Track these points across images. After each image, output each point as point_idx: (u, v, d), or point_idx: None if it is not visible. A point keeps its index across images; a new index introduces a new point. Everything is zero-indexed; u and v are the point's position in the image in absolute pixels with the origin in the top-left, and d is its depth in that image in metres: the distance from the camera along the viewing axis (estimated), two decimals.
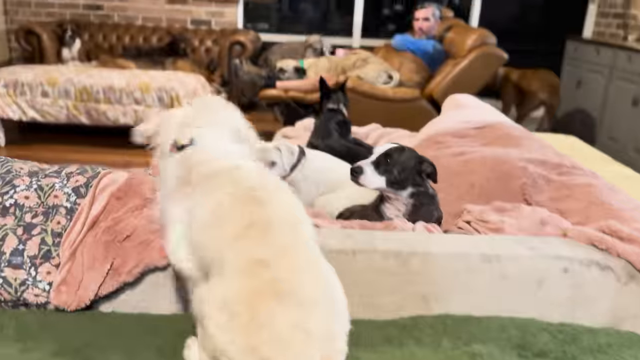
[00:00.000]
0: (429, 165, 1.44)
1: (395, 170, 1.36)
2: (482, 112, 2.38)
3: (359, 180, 1.36)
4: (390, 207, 1.46)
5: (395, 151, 1.38)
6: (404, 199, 1.42)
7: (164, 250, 1.03)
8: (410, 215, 1.44)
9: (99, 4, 5.15)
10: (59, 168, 1.22)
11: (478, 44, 3.43)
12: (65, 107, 3.66)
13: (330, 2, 5.95)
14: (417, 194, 1.43)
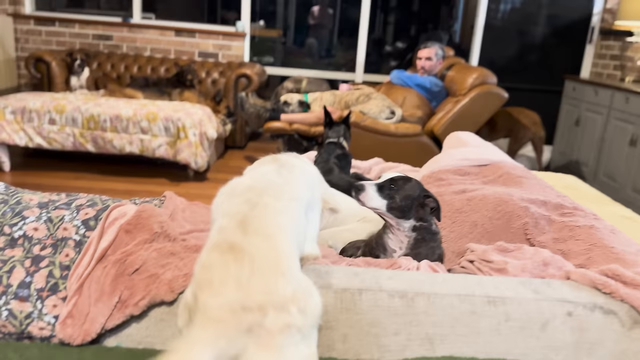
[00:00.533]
0: (433, 200, 1.46)
1: (397, 197, 1.38)
2: (483, 150, 2.41)
3: (359, 197, 1.39)
4: (393, 239, 1.47)
5: (400, 179, 1.41)
6: (406, 231, 1.44)
7: (172, 284, 1.04)
8: (411, 249, 1.45)
9: (108, 35, 5.26)
10: (68, 200, 1.23)
11: (479, 83, 3.50)
12: (72, 134, 3.70)
13: (334, 37, 6.09)
14: (419, 228, 1.44)
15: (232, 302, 0.75)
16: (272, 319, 0.76)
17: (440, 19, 6.49)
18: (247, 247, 0.81)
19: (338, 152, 2.55)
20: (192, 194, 3.58)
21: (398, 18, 6.27)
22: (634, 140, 3.71)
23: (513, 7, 5.73)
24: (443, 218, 1.83)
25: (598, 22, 5.31)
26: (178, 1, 6.06)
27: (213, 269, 0.80)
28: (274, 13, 6.02)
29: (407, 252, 1.47)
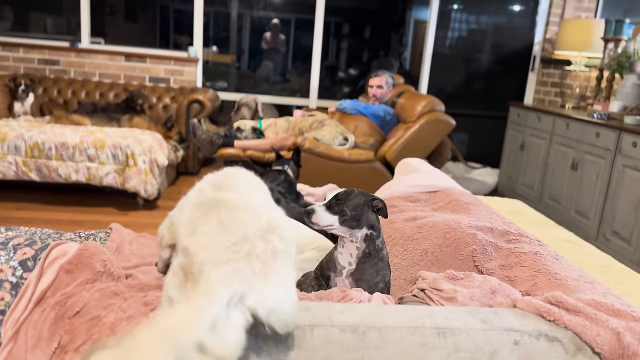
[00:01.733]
0: (379, 201, 1.48)
1: (346, 209, 1.40)
2: (433, 176, 2.47)
3: (312, 220, 1.40)
4: (344, 253, 1.48)
5: (343, 193, 1.44)
6: (358, 242, 1.45)
7: (114, 328, 1.00)
8: (358, 264, 1.46)
9: (55, 59, 5.11)
10: (5, 239, 1.17)
11: (427, 110, 3.60)
12: (14, 163, 3.54)
13: (288, 62, 6.15)
14: (369, 238, 1.46)
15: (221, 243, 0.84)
16: (261, 247, 0.86)
17: (391, 46, 6.67)
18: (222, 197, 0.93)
19: (281, 178, 2.56)
20: (142, 223, 3.49)
21: (350, 45, 6.41)
22: (575, 164, 3.89)
23: (460, 36, 5.97)
24: (395, 245, 1.86)
25: (539, 51, 5.60)
26: (128, 26, 5.97)
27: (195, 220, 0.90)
28: (227, 38, 6.03)
29: (355, 267, 1.47)
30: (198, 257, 0.85)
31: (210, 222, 0.89)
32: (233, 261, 0.84)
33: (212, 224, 0.89)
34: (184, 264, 0.89)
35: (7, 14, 5.55)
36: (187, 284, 0.86)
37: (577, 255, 2.15)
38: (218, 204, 0.93)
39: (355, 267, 1.46)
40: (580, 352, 1.15)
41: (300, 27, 5.91)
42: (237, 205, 0.93)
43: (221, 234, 0.87)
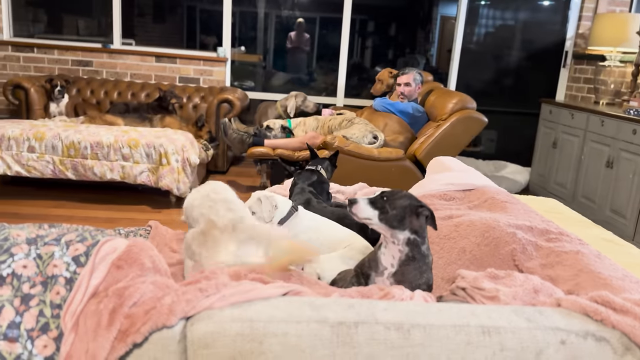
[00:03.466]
0: (426, 209, 1.46)
1: (388, 207, 1.41)
2: (467, 175, 2.45)
3: (352, 210, 1.43)
4: (387, 254, 1.48)
5: (390, 191, 1.44)
6: (400, 245, 1.45)
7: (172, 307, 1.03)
8: (400, 266, 1.46)
9: (88, 60, 5.23)
10: (57, 236, 1.21)
11: (459, 108, 3.57)
12: (51, 162, 3.64)
13: (313, 62, 6.16)
14: (412, 243, 1.45)
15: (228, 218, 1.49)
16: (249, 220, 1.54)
17: (417, 43, 6.63)
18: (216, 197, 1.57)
19: (314, 179, 2.55)
20: (175, 221, 3.55)
21: (376, 42, 6.39)
22: (610, 162, 3.81)
23: (488, 32, 5.89)
24: (432, 244, 1.85)
25: (571, 46, 5.49)
26: (157, 27, 6.07)
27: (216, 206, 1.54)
28: (254, 38, 6.08)
29: (397, 269, 1.47)
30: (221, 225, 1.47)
31: (223, 207, 1.53)
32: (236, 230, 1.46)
33: (223, 208, 1.52)
34: (205, 230, 1.47)
35: (42, 16, 5.70)
36: (207, 242, 1.44)
37: (617, 254, 2.11)
38: (225, 201, 1.56)
39: (397, 269, 1.46)
40: (629, 353, 1.13)
41: (326, 25, 5.91)
42: (232, 200, 1.59)
43: (229, 213, 1.50)
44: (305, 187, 2.49)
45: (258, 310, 1.11)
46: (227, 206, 1.53)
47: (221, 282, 1.17)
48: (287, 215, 2.02)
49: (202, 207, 1.54)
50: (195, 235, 1.46)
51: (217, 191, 1.60)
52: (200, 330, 1.07)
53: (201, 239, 1.44)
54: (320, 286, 1.43)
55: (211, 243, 1.42)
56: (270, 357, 1.07)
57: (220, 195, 1.58)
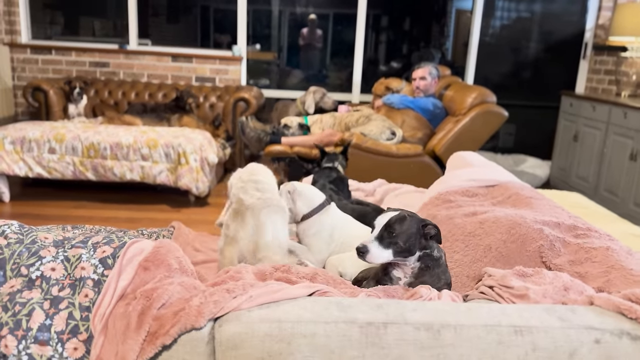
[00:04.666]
0: (432, 227, 1.45)
1: (400, 241, 1.37)
2: (489, 170, 2.41)
3: (366, 259, 1.38)
4: (399, 271, 1.47)
5: (396, 221, 1.39)
6: (411, 264, 1.44)
7: (201, 309, 1.03)
8: (416, 278, 1.44)
9: (105, 62, 5.28)
10: (84, 238, 1.22)
11: (478, 102, 3.52)
12: (72, 163, 3.68)
13: (326, 58, 6.13)
14: (423, 257, 1.44)
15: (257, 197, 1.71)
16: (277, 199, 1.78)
17: (431, 37, 6.56)
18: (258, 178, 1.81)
19: (334, 175, 2.55)
20: (194, 220, 3.56)
21: (390, 37, 6.34)
22: (634, 155, 3.73)
23: (505, 24, 5.81)
24: (456, 241, 1.83)
25: (591, 38, 5.39)
26: (171, 27, 6.10)
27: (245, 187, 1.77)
28: (268, 36, 6.08)
29: (412, 280, 1.46)
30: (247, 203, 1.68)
31: (253, 188, 1.74)
32: (264, 207, 1.68)
33: (254, 188, 1.74)
34: (236, 208, 1.70)
35: (59, 18, 5.77)
36: (237, 218, 1.67)
37: None
38: (256, 182, 1.77)
39: (412, 280, 1.45)
40: None
41: (340, 21, 5.88)
42: (264, 181, 1.79)
43: (259, 193, 1.72)
44: (326, 184, 2.48)
45: (286, 311, 1.11)
46: (256, 187, 1.73)
47: (248, 283, 1.17)
48: (318, 207, 2.02)
49: (235, 187, 1.76)
50: (230, 212, 1.70)
51: (252, 172, 1.82)
52: (229, 332, 1.06)
53: (233, 215, 1.67)
54: (345, 285, 1.42)
55: (240, 219, 1.65)
56: (299, 357, 1.07)
57: (253, 176, 1.79)
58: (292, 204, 1.95)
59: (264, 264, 1.44)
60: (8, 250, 1.14)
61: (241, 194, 1.71)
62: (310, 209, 2.01)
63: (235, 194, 1.73)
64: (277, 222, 1.74)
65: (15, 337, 1.03)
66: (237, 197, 1.71)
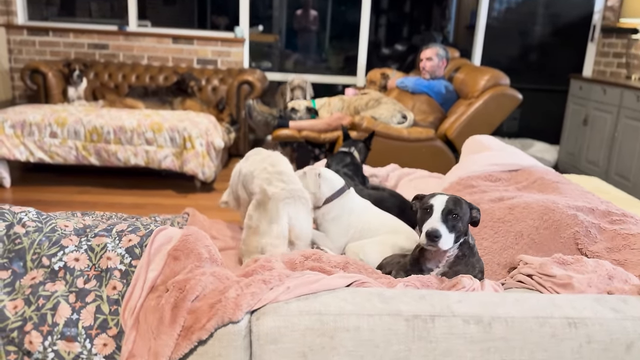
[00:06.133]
0: (477, 212, 1.39)
1: (461, 224, 1.31)
2: (510, 154, 2.34)
3: (438, 245, 1.27)
4: (431, 259, 1.40)
5: (456, 203, 1.33)
6: (450, 251, 1.37)
7: (238, 301, 0.97)
8: (450, 267, 1.38)
9: (104, 44, 5.14)
10: (108, 226, 1.14)
11: (491, 85, 3.44)
12: (74, 147, 3.59)
13: (326, 40, 6.01)
14: (462, 244, 1.38)
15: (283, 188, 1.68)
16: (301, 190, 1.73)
17: (432, 19, 6.45)
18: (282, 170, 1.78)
19: (347, 160, 2.48)
20: (201, 206, 3.49)
21: (390, 20, 6.21)
22: None
23: (509, 7, 5.70)
24: (484, 228, 1.76)
25: (599, 20, 5.30)
26: (167, 8, 5.95)
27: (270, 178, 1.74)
28: (269, 17, 5.94)
29: (446, 270, 1.40)
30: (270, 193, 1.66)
31: (278, 179, 1.71)
32: (288, 198, 1.66)
33: (279, 180, 1.70)
34: (259, 199, 1.68)
35: None
36: (260, 208, 1.66)
37: None
38: (280, 173, 1.75)
39: (446, 270, 1.38)
40: None
41: (341, 2, 5.75)
42: (288, 173, 1.78)
43: (283, 184, 1.67)
44: (339, 169, 2.42)
45: (326, 303, 1.04)
46: (281, 178, 1.71)
47: (283, 273, 1.10)
48: (338, 191, 1.98)
49: (259, 178, 1.74)
50: (253, 202, 1.69)
51: (274, 164, 1.80)
52: (267, 325, 1.00)
53: (256, 205, 1.67)
54: (379, 275, 1.36)
55: (262, 209, 1.64)
56: (342, 352, 1.01)
57: (277, 167, 1.77)
58: (317, 188, 1.90)
59: (291, 252, 1.38)
60: (27, 240, 1.07)
61: (265, 184, 1.68)
62: (332, 193, 1.97)
63: (259, 185, 1.71)
64: (301, 213, 1.70)
65: (41, 333, 0.96)
66: (261, 187, 1.69)
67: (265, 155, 1.91)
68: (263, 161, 1.85)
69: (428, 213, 1.31)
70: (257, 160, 1.88)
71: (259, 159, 1.88)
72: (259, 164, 1.83)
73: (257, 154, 1.99)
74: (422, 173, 2.93)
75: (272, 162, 1.83)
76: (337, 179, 1.98)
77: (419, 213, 1.36)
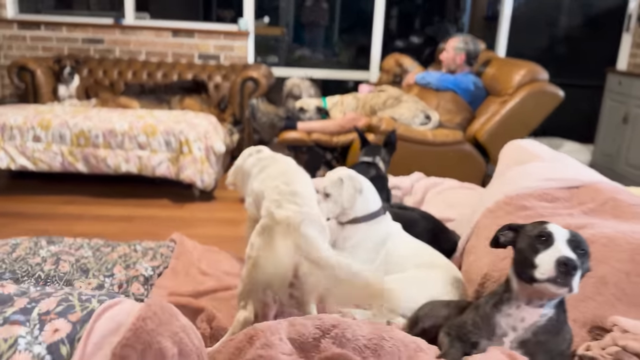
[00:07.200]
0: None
1: (585, 266, 0.99)
2: (565, 165, 1.94)
3: (572, 283, 0.93)
4: (514, 316, 1.03)
5: (581, 238, 1.00)
6: (547, 307, 1.01)
7: None
8: (534, 334, 1.00)
9: (99, 38, 4.79)
10: (28, 303, 0.76)
11: (528, 80, 3.03)
12: (59, 153, 3.23)
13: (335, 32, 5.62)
14: (560, 304, 1.01)
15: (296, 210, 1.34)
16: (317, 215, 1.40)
17: (446, 10, 6.07)
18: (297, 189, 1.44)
19: (372, 173, 2.10)
20: (199, 218, 3.12)
21: (401, 11, 5.82)
22: None
23: None
24: None
25: (635, 9, 4.85)
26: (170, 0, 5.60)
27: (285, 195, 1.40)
28: (276, 9, 5.57)
29: (527, 337, 1.01)
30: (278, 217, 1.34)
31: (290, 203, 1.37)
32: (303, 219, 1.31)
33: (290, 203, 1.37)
34: (264, 223, 1.35)
35: None
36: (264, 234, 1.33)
37: None
38: (294, 194, 1.40)
39: (529, 337, 1.00)
40: None
41: None
42: (302, 194, 1.42)
43: (295, 207, 1.35)
44: None
45: None
46: (294, 200, 1.38)
47: None
48: (371, 214, 1.65)
49: (269, 200, 1.41)
50: (257, 227, 1.36)
51: (288, 182, 1.46)
52: None
53: (260, 231, 1.34)
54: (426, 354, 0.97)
55: (267, 236, 1.31)
56: None
57: (290, 187, 1.44)
58: (350, 203, 1.62)
59: (301, 319, 0.99)
60: None
61: (274, 207, 1.36)
62: (363, 214, 1.63)
63: (266, 207, 1.39)
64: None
65: None
66: (268, 210, 1.36)
67: (280, 170, 1.56)
68: (276, 178, 1.50)
69: (544, 242, 0.97)
70: (270, 177, 1.52)
71: (272, 174, 1.53)
72: (271, 182, 1.48)
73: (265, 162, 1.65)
74: (451, 183, 2.53)
75: (286, 179, 1.48)
76: (374, 201, 1.66)
77: (522, 243, 1.02)
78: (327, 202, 1.64)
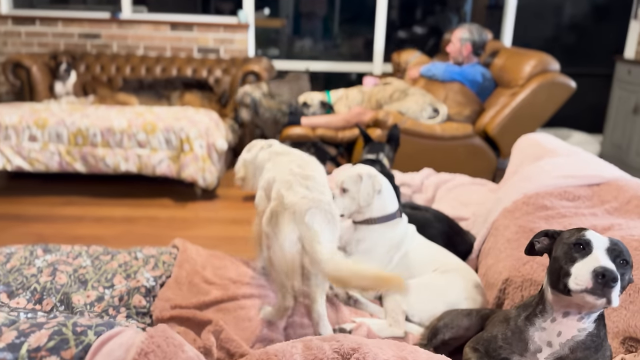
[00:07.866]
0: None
1: (627, 277, 0.91)
2: (584, 161, 1.85)
3: (611, 295, 0.86)
4: (550, 330, 0.96)
5: (623, 247, 0.92)
6: (586, 321, 0.94)
7: None
8: (572, 350, 0.93)
9: (96, 33, 4.68)
10: (17, 337, 0.68)
11: (539, 71, 2.94)
12: (57, 152, 3.14)
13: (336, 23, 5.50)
14: (599, 318, 0.94)
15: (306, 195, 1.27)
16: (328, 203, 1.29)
17: None
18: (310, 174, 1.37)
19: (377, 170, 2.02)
20: (202, 218, 3.04)
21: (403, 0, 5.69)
22: None
23: None
24: None
25: None
26: None
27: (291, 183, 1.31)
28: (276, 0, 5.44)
29: (564, 353, 0.94)
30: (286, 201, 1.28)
31: (301, 186, 1.31)
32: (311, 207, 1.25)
33: (301, 186, 1.31)
34: (273, 208, 1.28)
35: None
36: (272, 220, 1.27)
37: None
38: (307, 178, 1.34)
39: (566, 353, 0.93)
40: None
41: None
42: (315, 178, 1.36)
43: (306, 191, 1.29)
44: None
45: None
46: (305, 184, 1.32)
47: None
48: (387, 216, 1.59)
49: (280, 181, 1.34)
50: (267, 213, 1.30)
51: (302, 165, 1.41)
52: None
53: (269, 217, 1.28)
54: None
55: (274, 223, 1.25)
56: None
57: (303, 171, 1.38)
58: (368, 202, 1.56)
59: (318, 340, 0.91)
60: None
61: (284, 190, 1.29)
62: (379, 215, 1.58)
63: (277, 190, 1.32)
64: (324, 233, 1.24)
65: None
66: (279, 193, 1.30)
67: (293, 157, 1.50)
68: (290, 162, 1.44)
69: (582, 250, 0.90)
70: (283, 162, 1.46)
71: (285, 160, 1.47)
72: (285, 166, 1.42)
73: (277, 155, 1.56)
74: (462, 179, 2.45)
75: (300, 163, 1.43)
76: (392, 202, 1.60)
77: (559, 251, 0.95)
78: (344, 198, 1.58)
